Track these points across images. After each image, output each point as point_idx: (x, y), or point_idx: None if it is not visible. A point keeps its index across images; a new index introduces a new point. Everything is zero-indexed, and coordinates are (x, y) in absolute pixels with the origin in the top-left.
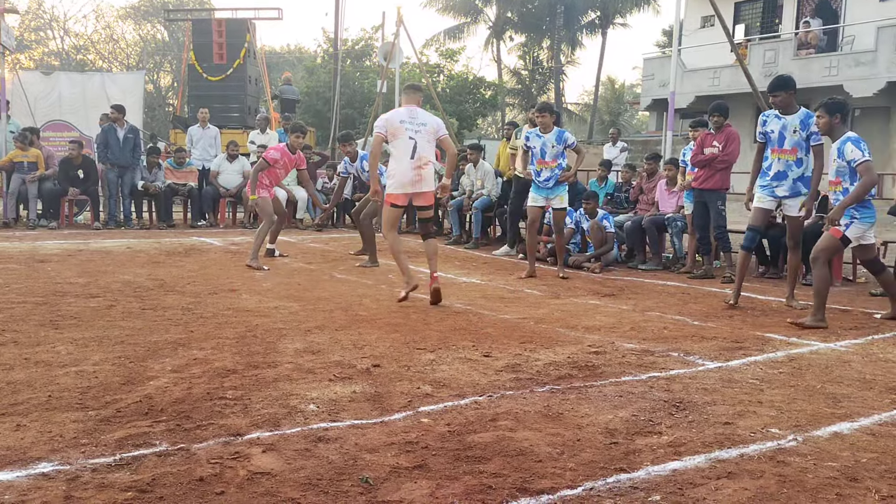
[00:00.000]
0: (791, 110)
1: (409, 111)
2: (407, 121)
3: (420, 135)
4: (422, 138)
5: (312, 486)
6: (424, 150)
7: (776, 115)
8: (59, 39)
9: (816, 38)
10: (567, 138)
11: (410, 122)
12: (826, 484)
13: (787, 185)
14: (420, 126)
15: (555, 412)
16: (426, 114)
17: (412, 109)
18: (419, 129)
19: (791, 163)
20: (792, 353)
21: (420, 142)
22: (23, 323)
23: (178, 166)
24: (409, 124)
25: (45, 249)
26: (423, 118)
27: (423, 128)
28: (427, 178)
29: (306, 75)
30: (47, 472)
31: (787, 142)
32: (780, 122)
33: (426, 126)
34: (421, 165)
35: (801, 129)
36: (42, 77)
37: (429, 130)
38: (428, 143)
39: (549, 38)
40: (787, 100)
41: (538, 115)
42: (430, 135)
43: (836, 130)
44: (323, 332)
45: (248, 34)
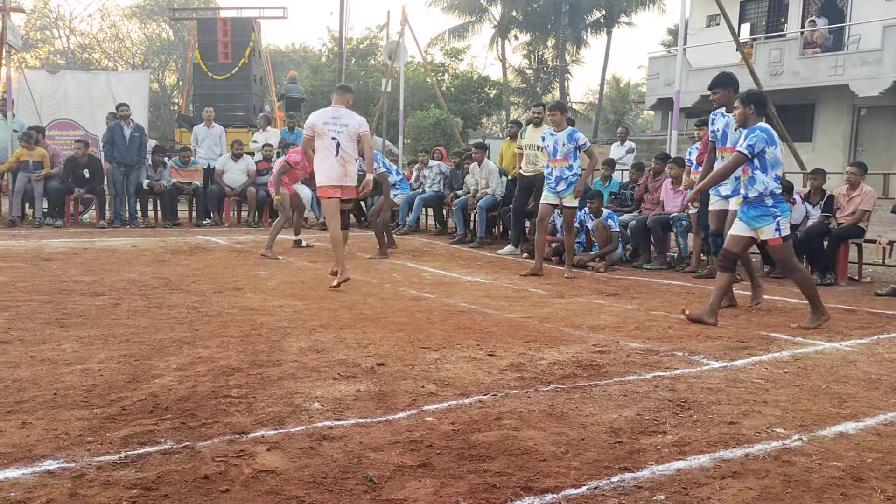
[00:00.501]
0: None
1: (334, 112)
2: (330, 122)
3: (342, 135)
4: (344, 138)
5: (317, 484)
6: (347, 148)
7: (721, 113)
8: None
9: (822, 37)
10: (578, 138)
11: (334, 123)
12: (831, 484)
13: (731, 184)
14: (342, 127)
15: (559, 411)
16: (349, 114)
17: (337, 110)
18: (341, 129)
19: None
20: (797, 353)
21: (342, 141)
22: (28, 321)
23: (184, 165)
24: (332, 125)
25: (50, 248)
26: (345, 119)
27: (346, 128)
28: (351, 174)
29: (311, 74)
30: (52, 470)
31: (730, 140)
32: (724, 121)
33: (348, 126)
34: (343, 163)
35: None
36: (48, 76)
37: (350, 130)
38: (350, 141)
39: (553, 37)
40: (725, 97)
41: (549, 113)
42: (352, 134)
43: (749, 121)
44: (327, 330)
45: (253, 33)
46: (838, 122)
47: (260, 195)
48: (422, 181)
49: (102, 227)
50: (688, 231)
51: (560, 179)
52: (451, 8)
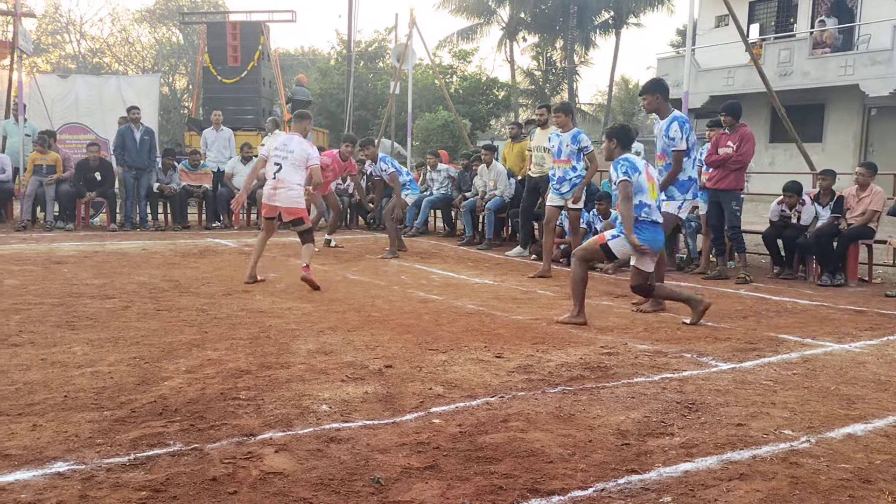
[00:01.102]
0: (664, 114)
1: (286, 140)
2: (280, 148)
3: (286, 160)
4: (287, 164)
5: (324, 486)
6: (287, 173)
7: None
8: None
9: (832, 37)
10: (582, 140)
11: (281, 150)
12: (839, 486)
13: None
14: (287, 153)
15: (566, 413)
16: (300, 142)
17: (290, 138)
18: (286, 155)
19: (661, 168)
20: (806, 355)
21: (284, 167)
22: (39, 324)
23: (193, 168)
24: (279, 151)
25: (61, 251)
26: (294, 147)
27: (291, 154)
28: (280, 196)
29: (320, 77)
30: (63, 472)
31: (658, 147)
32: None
33: (293, 153)
34: (276, 186)
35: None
36: (59, 80)
37: (295, 157)
38: (293, 168)
39: (562, 38)
40: (654, 103)
41: (555, 114)
42: (296, 161)
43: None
44: (335, 332)
45: (262, 37)
46: (848, 122)
47: None
48: (429, 184)
49: (113, 231)
50: (697, 232)
51: (563, 180)
52: (459, 10)
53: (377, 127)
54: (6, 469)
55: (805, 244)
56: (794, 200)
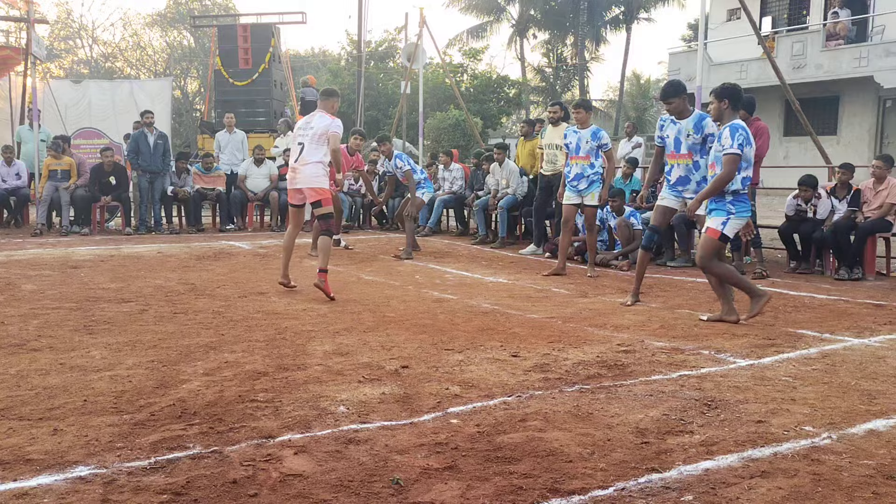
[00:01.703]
0: (685, 114)
1: (308, 118)
2: (303, 127)
3: (306, 138)
4: (307, 141)
5: (344, 487)
6: (308, 152)
7: (672, 119)
8: (87, 48)
9: (845, 28)
10: (602, 137)
11: (304, 129)
12: (862, 482)
13: (692, 188)
14: (308, 129)
15: (584, 412)
16: (321, 117)
17: (312, 116)
18: (307, 132)
19: (689, 166)
20: (825, 350)
21: (306, 144)
22: (58, 328)
23: (207, 171)
24: (301, 131)
25: (77, 255)
26: (314, 122)
27: (311, 131)
28: (301, 175)
29: (330, 78)
30: (84, 476)
31: (683, 146)
32: (675, 127)
33: (314, 129)
34: (297, 167)
35: (694, 132)
36: (72, 85)
37: (315, 132)
38: (313, 143)
39: (572, 34)
40: (680, 105)
41: (575, 110)
42: (315, 136)
43: (725, 116)
44: (351, 333)
45: (272, 39)
46: (863, 114)
47: (282, 200)
48: (440, 183)
49: (128, 234)
50: None
51: (581, 177)
52: (468, 8)
53: (388, 127)
54: (29, 474)
55: (822, 238)
56: (809, 194)
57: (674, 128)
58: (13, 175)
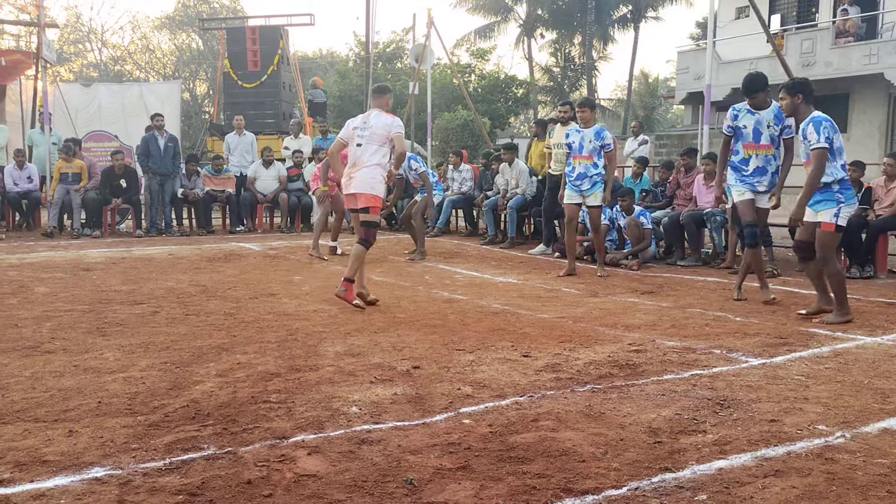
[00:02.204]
0: (764, 106)
1: (364, 117)
2: (360, 126)
3: (364, 138)
4: (366, 142)
5: (358, 487)
6: (365, 153)
7: (748, 109)
8: (97, 51)
9: (855, 25)
10: (605, 137)
11: (362, 128)
12: (876, 481)
13: (767, 180)
14: (367, 128)
15: (597, 412)
16: (378, 115)
17: (367, 115)
18: (365, 132)
19: (769, 157)
20: (837, 348)
21: (364, 145)
22: (71, 331)
23: (217, 173)
24: (359, 130)
25: (89, 258)
26: (372, 121)
27: (370, 130)
28: (356, 179)
29: (338, 79)
30: (100, 477)
31: (764, 137)
32: (753, 118)
33: (372, 128)
34: (352, 171)
35: (774, 123)
36: (82, 89)
37: (374, 132)
38: (372, 144)
39: (580, 34)
40: (764, 99)
41: (579, 109)
42: (374, 136)
43: (801, 110)
44: (362, 334)
45: (281, 41)
46: (874, 111)
47: (291, 201)
48: (450, 183)
49: (139, 237)
50: (722, 226)
51: (584, 177)
52: (476, 8)
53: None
54: (45, 475)
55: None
56: None
57: (752, 118)
58: (25, 178)
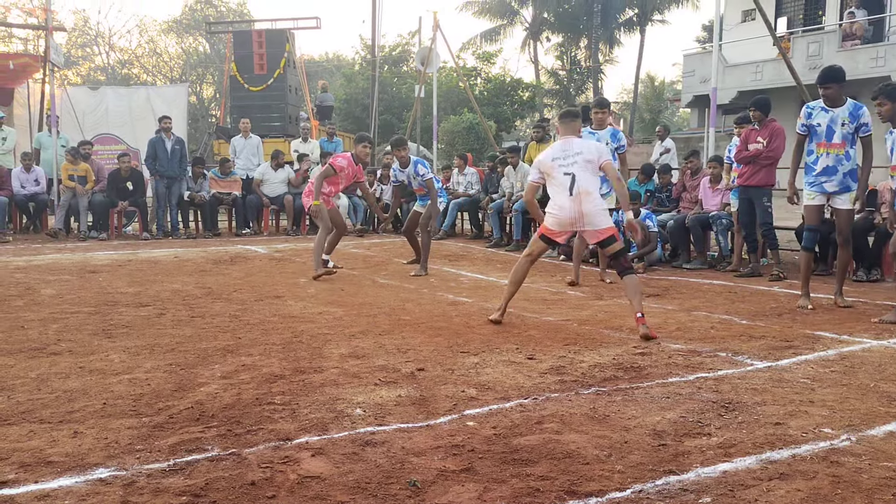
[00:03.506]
0: (839, 102)
1: (564, 145)
2: (560, 156)
3: (577, 166)
4: (579, 169)
5: (361, 489)
6: (586, 181)
7: (822, 107)
8: (104, 55)
9: (862, 28)
10: (621, 138)
11: (563, 157)
12: (882, 484)
13: (837, 179)
14: (575, 156)
15: (601, 414)
16: (582, 142)
17: (567, 141)
18: (575, 159)
19: (840, 157)
20: (843, 351)
21: (577, 173)
22: (77, 332)
23: (224, 176)
24: (562, 160)
25: (95, 260)
26: (577, 147)
27: (580, 156)
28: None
29: (345, 82)
30: (104, 478)
31: (837, 135)
32: (827, 115)
33: (582, 154)
34: (580, 202)
35: (850, 121)
36: (89, 92)
37: (586, 157)
38: (587, 172)
39: (586, 37)
40: (837, 92)
41: (596, 110)
42: (588, 163)
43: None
44: (367, 336)
45: (287, 44)
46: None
47: (297, 203)
48: (455, 186)
49: (145, 239)
50: (728, 229)
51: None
52: (482, 12)
53: (402, 131)
54: (49, 476)
55: None
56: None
57: (826, 116)
58: (32, 181)
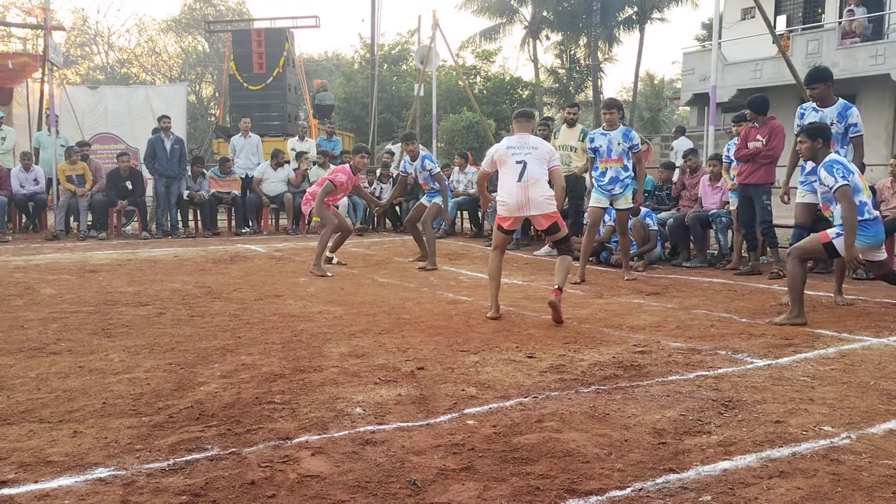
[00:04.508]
0: (828, 102)
1: (520, 138)
2: (515, 146)
3: (530, 157)
4: (532, 159)
5: (361, 488)
6: (535, 170)
7: (814, 107)
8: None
9: (861, 26)
10: (633, 138)
11: (519, 147)
12: (882, 482)
13: None
14: (530, 149)
15: (601, 413)
16: (539, 140)
17: (523, 136)
18: (529, 151)
19: None
20: (843, 349)
21: (529, 163)
22: (76, 332)
23: (223, 175)
24: (517, 149)
25: (95, 260)
26: (534, 143)
27: (535, 151)
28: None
29: (344, 81)
30: (104, 478)
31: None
32: (818, 115)
33: (536, 150)
34: (526, 188)
35: (838, 121)
36: (88, 91)
37: (540, 154)
38: (539, 165)
39: (585, 35)
40: (824, 91)
41: (606, 111)
42: (542, 158)
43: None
44: (367, 335)
45: (286, 43)
46: (880, 112)
47: (296, 202)
48: (455, 185)
49: (145, 238)
50: (727, 227)
51: (616, 181)
52: (481, 10)
53: (402, 130)
54: (49, 475)
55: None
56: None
57: (816, 115)
58: (31, 181)
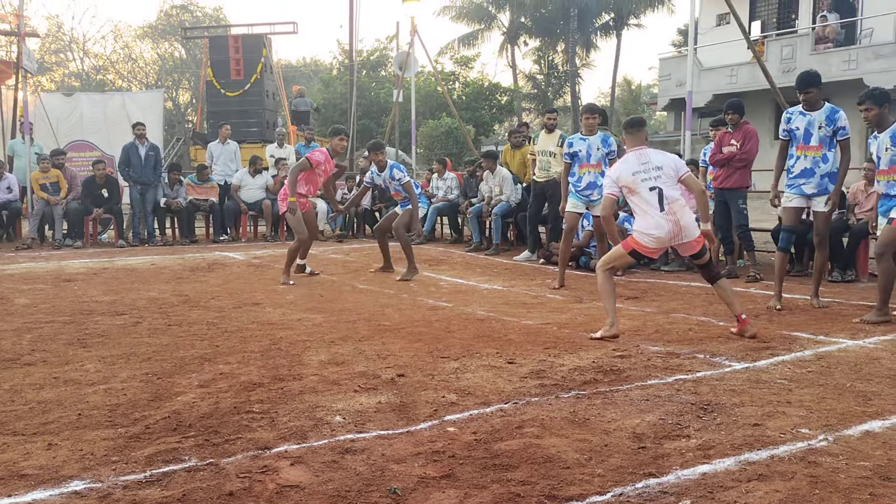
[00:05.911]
0: (817, 106)
1: (639, 156)
2: (640, 170)
3: (660, 180)
4: (662, 183)
5: (341, 497)
6: (672, 193)
7: (801, 111)
8: (78, 61)
9: (834, 32)
10: (612, 143)
11: (644, 170)
12: (859, 484)
13: (815, 181)
14: (656, 170)
15: (581, 418)
16: (658, 153)
17: (642, 152)
18: (658, 174)
19: (818, 159)
20: (820, 352)
21: (665, 188)
22: (51, 342)
23: (201, 182)
24: (644, 173)
25: (70, 268)
26: (656, 160)
27: (661, 171)
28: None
29: (322, 87)
30: (80, 491)
31: (814, 138)
32: (805, 119)
33: (663, 169)
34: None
35: (826, 124)
36: (63, 98)
37: (667, 172)
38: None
39: (563, 41)
40: (817, 95)
41: (588, 116)
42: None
43: (885, 120)
44: (346, 343)
45: (264, 49)
46: (853, 117)
47: (274, 209)
48: (434, 191)
49: (121, 247)
50: None
51: (594, 186)
52: (459, 16)
53: (381, 135)
54: (23, 489)
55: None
56: None
57: (804, 119)
58: (4, 189)
